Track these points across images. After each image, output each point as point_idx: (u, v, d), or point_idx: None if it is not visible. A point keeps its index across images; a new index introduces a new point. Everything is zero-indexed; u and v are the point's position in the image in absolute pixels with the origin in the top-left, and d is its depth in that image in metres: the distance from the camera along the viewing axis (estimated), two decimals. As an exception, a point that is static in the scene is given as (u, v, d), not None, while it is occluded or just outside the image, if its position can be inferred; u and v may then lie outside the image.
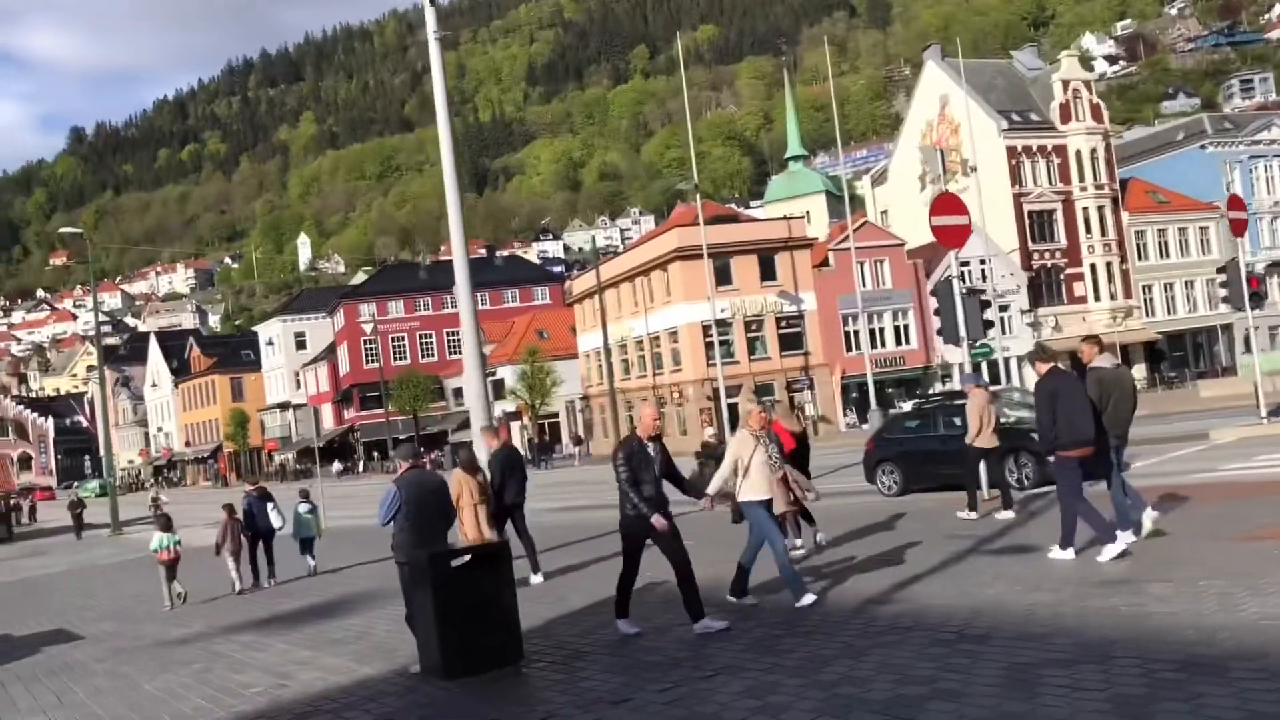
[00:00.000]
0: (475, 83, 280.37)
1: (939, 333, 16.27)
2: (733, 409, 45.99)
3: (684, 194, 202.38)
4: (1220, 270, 24.49)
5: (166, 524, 15.04)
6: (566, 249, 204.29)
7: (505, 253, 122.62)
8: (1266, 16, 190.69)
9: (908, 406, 21.09)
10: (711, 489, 9.00)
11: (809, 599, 8.58)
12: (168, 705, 8.32)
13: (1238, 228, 20.67)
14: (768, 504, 8.80)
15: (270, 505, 16.14)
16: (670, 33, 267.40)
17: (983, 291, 18.88)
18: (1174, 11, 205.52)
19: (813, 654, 7.02)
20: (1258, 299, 21.11)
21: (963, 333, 14.91)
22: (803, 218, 55.77)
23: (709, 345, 48.76)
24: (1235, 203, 21.20)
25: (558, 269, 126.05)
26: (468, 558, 7.64)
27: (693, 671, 6.99)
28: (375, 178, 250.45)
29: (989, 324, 16.55)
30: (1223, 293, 23.18)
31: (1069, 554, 9.22)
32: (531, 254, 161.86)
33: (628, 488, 8.11)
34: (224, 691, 8.52)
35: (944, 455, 16.06)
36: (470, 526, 11.57)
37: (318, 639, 10.47)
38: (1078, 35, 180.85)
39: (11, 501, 58.61)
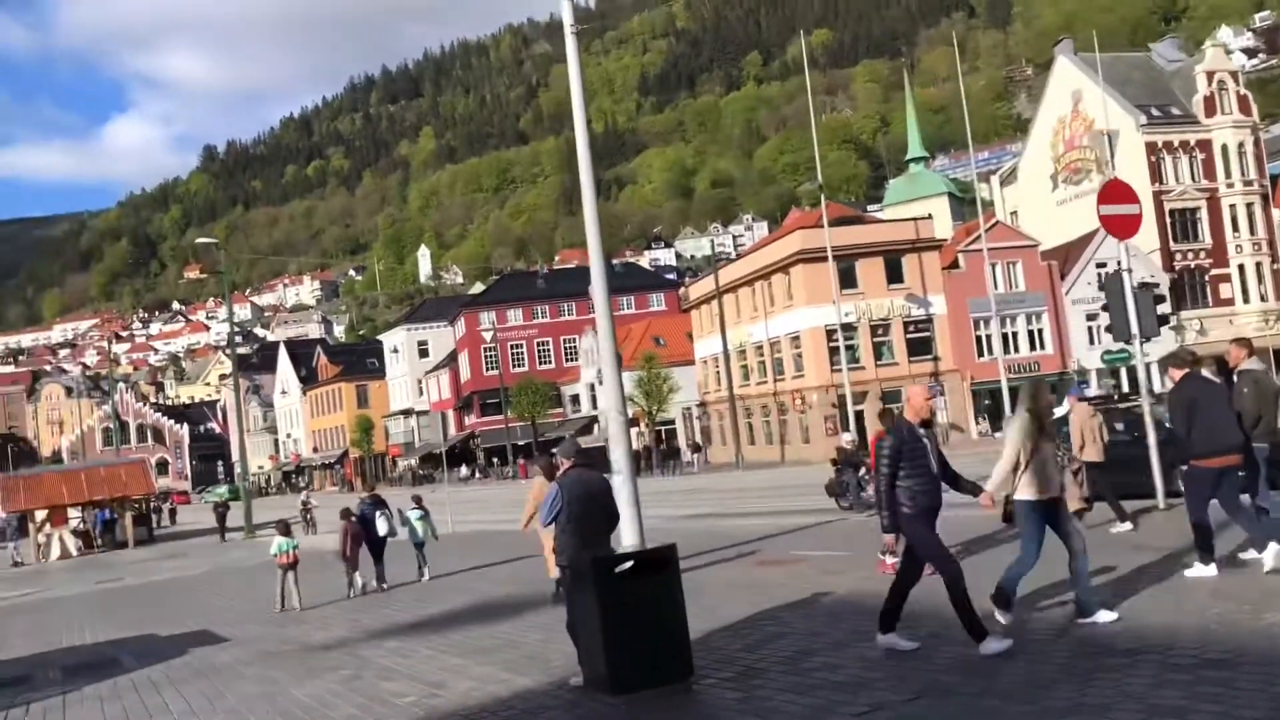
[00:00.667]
0: (589, 94, 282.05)
1: (1108, 329, 15.16)
2: (859, 415, 44.92)
3: (799, 199, 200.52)
4: None
5: (286, 529, 15.25)
6: (679, 256, 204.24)
7: (619, 260, 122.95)
8: None
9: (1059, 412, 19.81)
10: (991, 485, 7.73)
11: (1106, 617, 7.34)
12: (319, 713, 8.01)
13: None
14: (1049, 504, 7.50)
15: (380, 512, 16.05)
16: (783, 38, 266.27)
17: (1156, 285, 17.67)
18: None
19: (1029, 676, 6.26)
20: None
21: (1135, 330, 13.84)
22: (929, 219, 54.09)
23: (833, 350, 47.65)
24: None
25: (670, 276, 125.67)
26: (631, 563, 7.10)
27: (890, 694, 6.32)
28: (492, 190, 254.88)
29: (1164, 320, 15.36)
30: None
31: (1210, 569, 8.68)
32: (644, 262, 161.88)
33: (883, 489, 7.18)
34: (375, 700, 8.17)
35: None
36: (547, 536, 11.27)
37: (466, 646, 10.09)
38: (1213, 28, 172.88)
39: (151, 504, 60.92)
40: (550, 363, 78.27)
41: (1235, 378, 9.51)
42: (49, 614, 19.19)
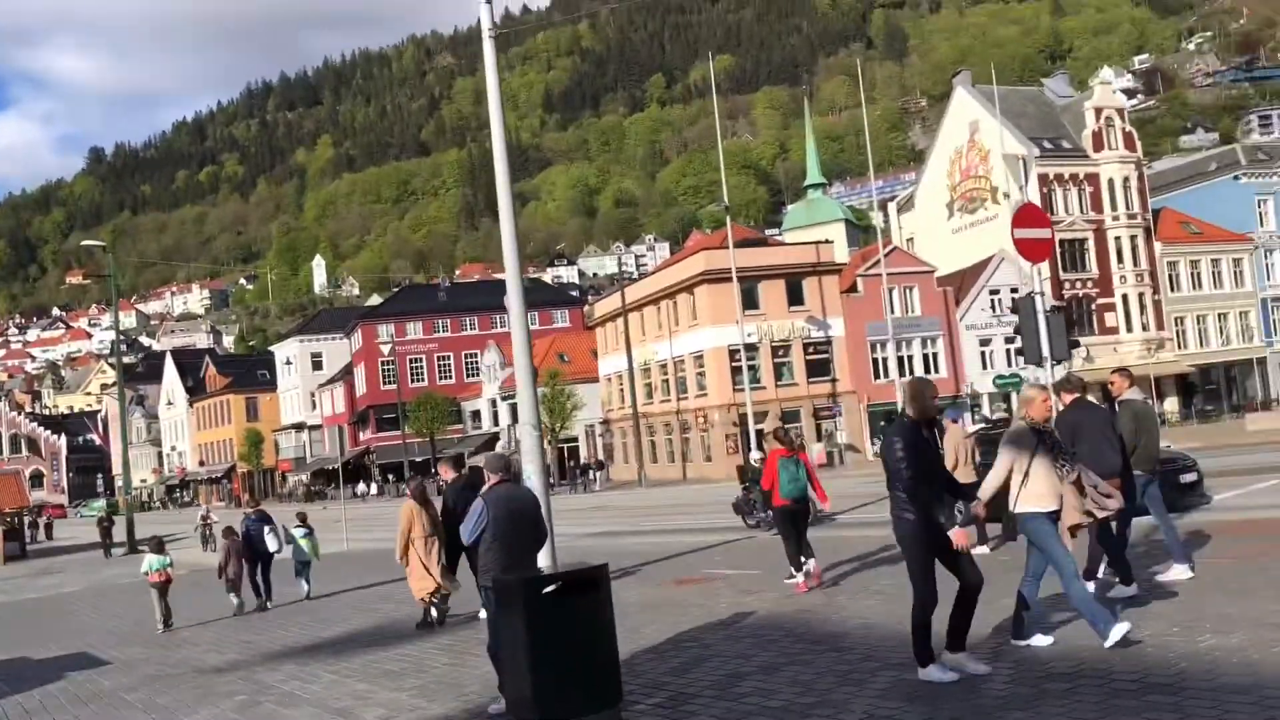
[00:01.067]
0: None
1: (1019, 353, 15.32)
2: (759, 435, 45.10)
3: (700, 221, 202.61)
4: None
5: (159, 546, 14.70)
6: (581, 274, 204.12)
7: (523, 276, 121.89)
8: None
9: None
10: (984, 493, 7.40)
11: (1118, 632, 6.81)
12: (215, 744, 7.44)
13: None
14: (1053, 516, 7.15)
15: (268, 528, 15.58)
16: (687, 62, 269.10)
17: (1067, 308, 17.95)
18: (1192, 46, 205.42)
19: (972, 703, 6.09)
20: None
21: (1046, 352, 13.98)
22: (829, 243, 54.90)
23: (735, 370, 47.87)
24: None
25: (573, 294, 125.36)
26: (560, 584, 6.71)
27: (830, 720, 6.08)
28: (391, 201, 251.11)
29: (1075, 343, 15.59)
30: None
31: (1132, 588, 8.86)
32: (546, 279, 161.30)
33: (908, 487, 6.55)
34: (276, 730, 7.63)
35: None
36: (416, 560, 11.44)
37: (371, 670, 9.57)
38: (1096, 69, 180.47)
39: (29, 519, 57.93)
40: (450, 378, 77.13)
41: (1117, 407, 9.76)
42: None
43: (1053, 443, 7.24)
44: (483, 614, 11.91)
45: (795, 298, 50.23)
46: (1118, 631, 6.80)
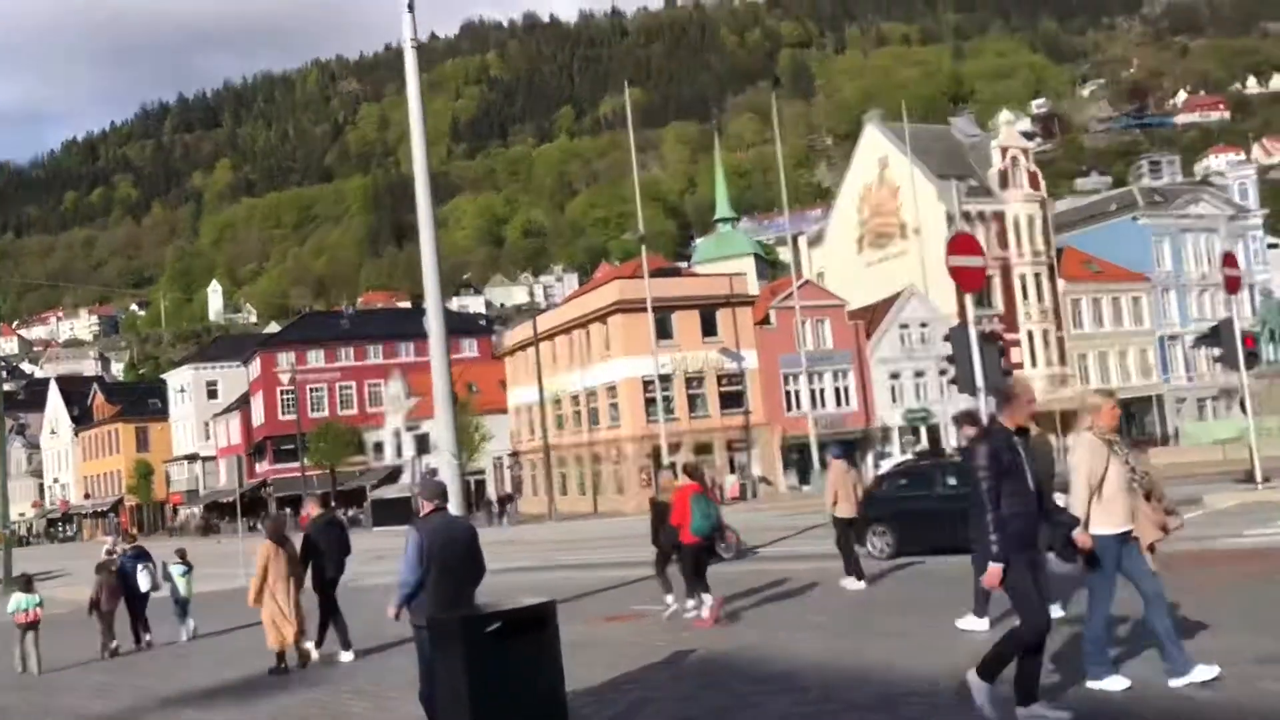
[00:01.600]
0: (398, 135, 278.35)
1: (951, 381, 14.97)
2: (672, 466, 44.51)
3: (609, 253, 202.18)
4: (1213, 331, 23.81)
5: (27, 584, 14.04)
6: (488, 304, 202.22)
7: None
8: (1172, 102, 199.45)
9: (888, 466, 19.70)
10: (1079, 510, 6.52)
11: (1111, 683, 6.33)
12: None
13: (1232, 285, 19.95)
14: (1125, 536, 6.46)
15: (141, 565, 14.99)
16: (596, 94, 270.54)
17: (1000, 337, 17.70)
18: (1086, 93, 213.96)
19: None
20: (1254, 358, 20.36)
21: (980, 382, 13.63)
22: (743, 275, 54.93)
23: (649, 401, 47.37)
24: (1230, 261, 20.51)
25: (480, 323, 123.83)
26: (499, 624, 5.91)
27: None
28: (292, 227, 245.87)
29: (1008, 372, 15.29)
30: (1216, 352, 22.43)
31: (984, 624, 9.01)
32: (452, 308, 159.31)
33: (992, 507, 5.82)
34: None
35: (943, 515, 15.11)
36: (272, 604, 11.04)
37: (280, 718, 8.54)
38: (995, 112, 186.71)
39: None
40: (353, 408, 75.02)
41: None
42: None
43: (1124, 454, 6.67)
44: (343, 656, 11.41)
45: (709, 329, 49.97)
46: (1112, 682, 6.27)
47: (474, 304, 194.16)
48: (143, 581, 14.84)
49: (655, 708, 7.34)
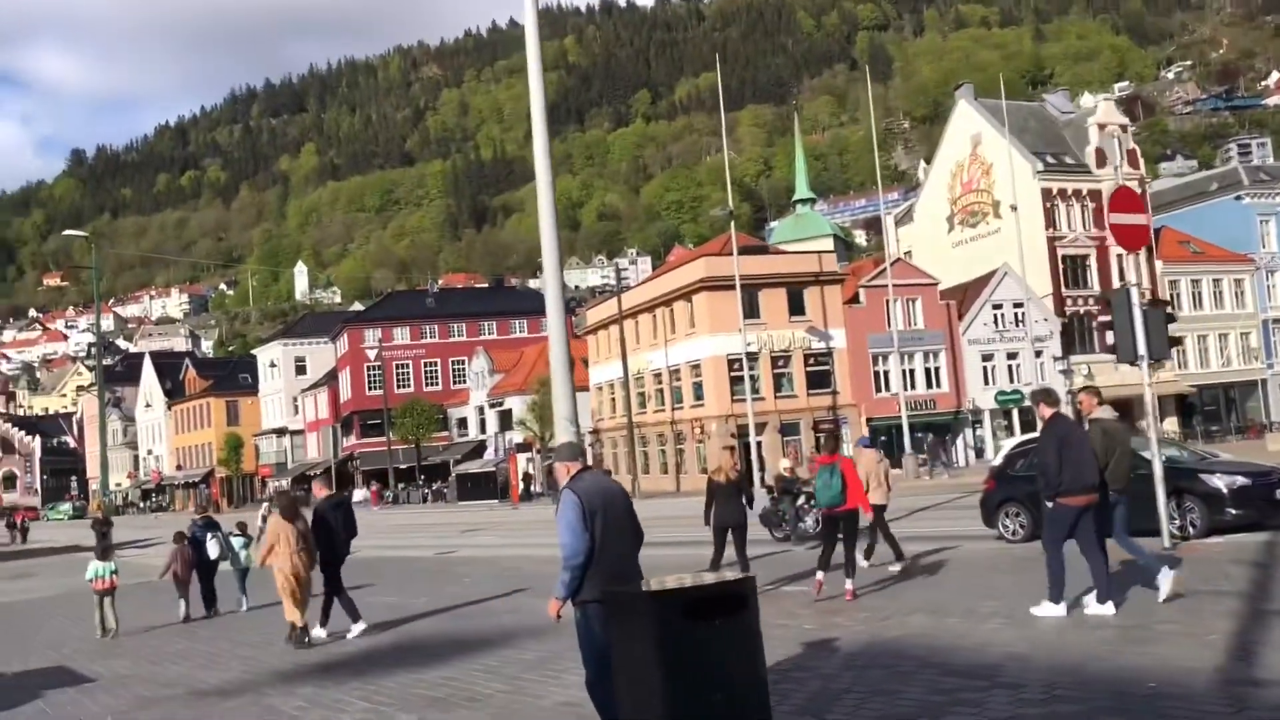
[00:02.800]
0: (478, 121, 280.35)
1: (1111, 349, 14.21)
2: (759, 446, 43.88)
3: (682, 237, 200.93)
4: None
5: (103, 553, 14.47)
6: (563, 287, 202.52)
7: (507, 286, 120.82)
8: (1264, 83, 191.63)
9: (1010, 445, 18.78)
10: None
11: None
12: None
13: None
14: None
15: (210, 535, 15.50)
16: (672, 79, 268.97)
17: (1168, 303, 16.53)
18: (1171, 75, 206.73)
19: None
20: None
21: (1142, 350, 12.80)
22: (832, 253, 53.88)
23: (734, 380, 46.74)
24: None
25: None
26: (699, 602, 5.29)
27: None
28: (374, 210, 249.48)
29: (1175, 341, 14.37)
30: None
31: (1108, 607, 8.85)
32: (529, 289, 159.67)
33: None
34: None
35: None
36: (285, 576, 11.14)
37: (410, 696, 8.22)
38: (1076, 95, 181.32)
39: (6, 521, 55.91)
40: (437, 384, 75.60)
41: (1087, 425, 9.72)
42: None
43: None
44: (352, 632, 11.59)
45: (796, 307, 49.12)
46: None
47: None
48: (211, 550, 15.31)
49: (853, 700, 6.69)
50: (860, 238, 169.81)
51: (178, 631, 14.01)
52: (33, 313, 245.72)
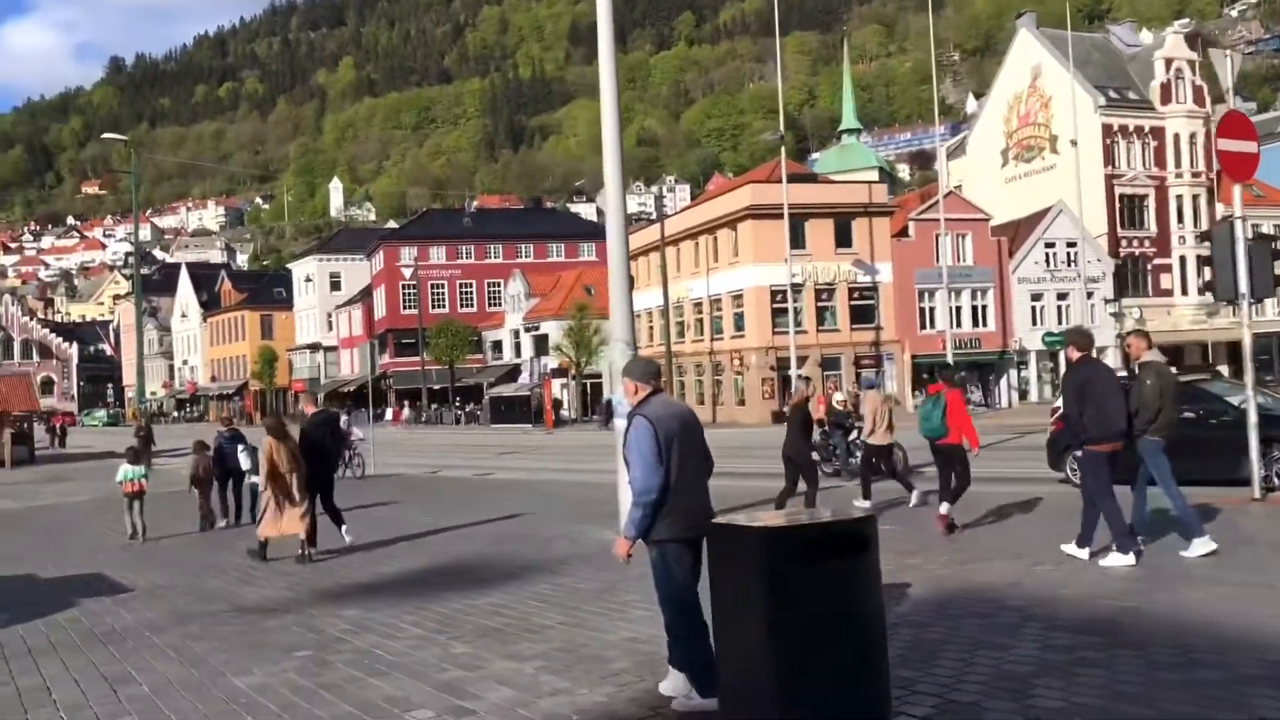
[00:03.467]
0: (517, 39, 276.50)
1: (1206, 287, 13.22)
2: (807, 379, 43.02)
3: (722, 165, 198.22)
4: None
5: (135, 457, 14.77)
6: (599, 212, 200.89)
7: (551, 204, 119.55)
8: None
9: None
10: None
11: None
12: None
13: None
14: None
15: (240, 447, 15.58)
16: (716, 2, 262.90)
17: (1275, 239, 15.55)
18: (1234, 13, 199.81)
19: None
20: None
21: (1243, 288, 11.88)
22: (883, 183, 52.42)
23: (776, 312, 45.86)
24: None
25: (598, 228, 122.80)
26: (820, 537, 4.57)
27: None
28: (411, 128, 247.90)
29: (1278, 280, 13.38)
30: None
31: (1084, 553, 8.81)
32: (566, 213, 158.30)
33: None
34: (370, 712, 5.64)
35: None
36: (272, 501, 11.34)
37: (463, 624, 7.60)
38: (1136, 31, 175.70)
39: (46, 425, 56.38)
40: (472, 306, 75.04)
41: (1137, 369, 9.52)
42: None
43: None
44: (347, 537, 11.88)
45: (843, 239, 47.94)
46: None
47: (585, 212, 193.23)
48: (244, 461, 15.38)
49: (955, 654, 5.93)
50: (903, 172, 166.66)
51: (214, 544, 13.57)
52: (71, 220, 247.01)
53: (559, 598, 8.43)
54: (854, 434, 19.48)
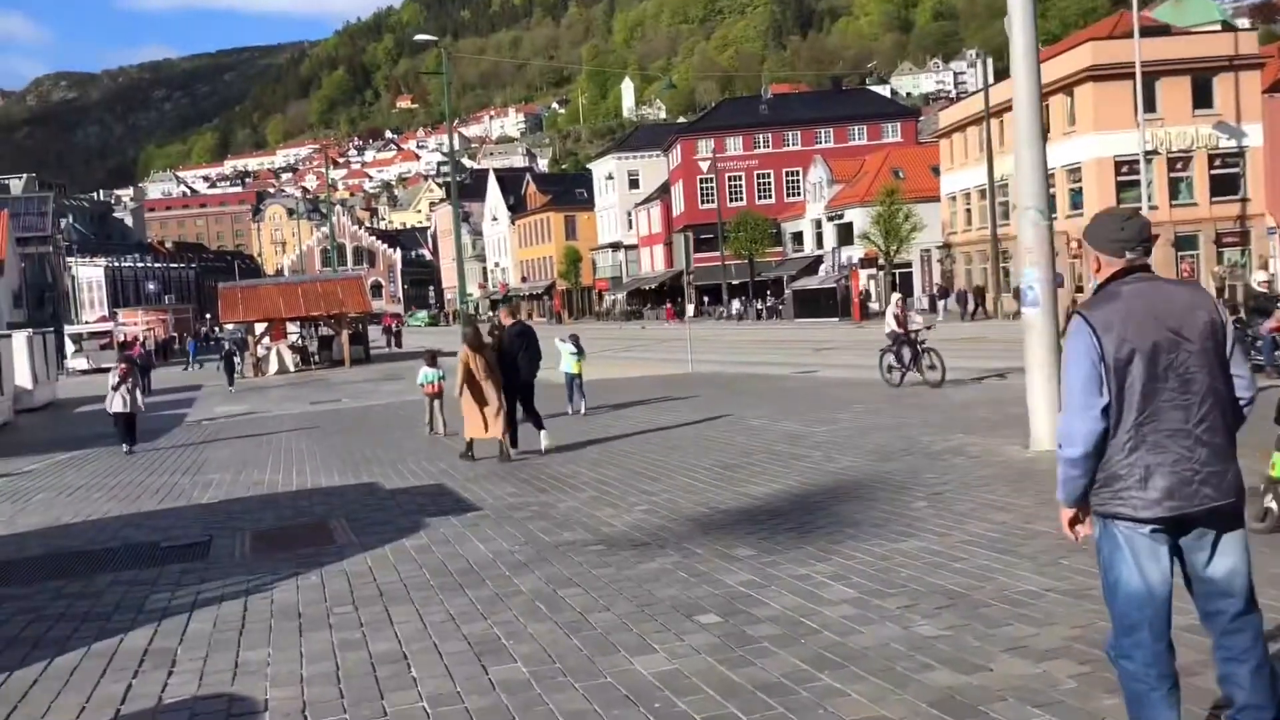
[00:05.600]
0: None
1: None
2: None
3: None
4: None
5: (433, 359, 15.58)
6: (894, 94, 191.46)
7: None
8: None
9: None
10: None
11: None
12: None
13: None
14: None
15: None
16: None
17: None
18: None
19: None
20: None
21: None
22: (1252, 30, 45.18)
23: (1121, 186, 40.78)
24: None
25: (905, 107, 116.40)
26: None
27: None
28: (698, 21, 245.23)
29: None
30: None
31: None
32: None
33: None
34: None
35: None
36: (470, 402, 11.82)
37: (901, 582, 5.78)
38: None
39: (384, 325, 60.10)
40: (770, 197, 72.83)
41: None
42: (258, 439, 16.38)
43: None
44: (543, 440, 12.15)
45: (1203, 99, 41.71)
46: None
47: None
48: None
49: None
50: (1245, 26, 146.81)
51: (554, 455, 12.21)
52: (389, 134, 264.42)
53: (1009, 543, 6.45)
54: (1274, 320, 16.08)
